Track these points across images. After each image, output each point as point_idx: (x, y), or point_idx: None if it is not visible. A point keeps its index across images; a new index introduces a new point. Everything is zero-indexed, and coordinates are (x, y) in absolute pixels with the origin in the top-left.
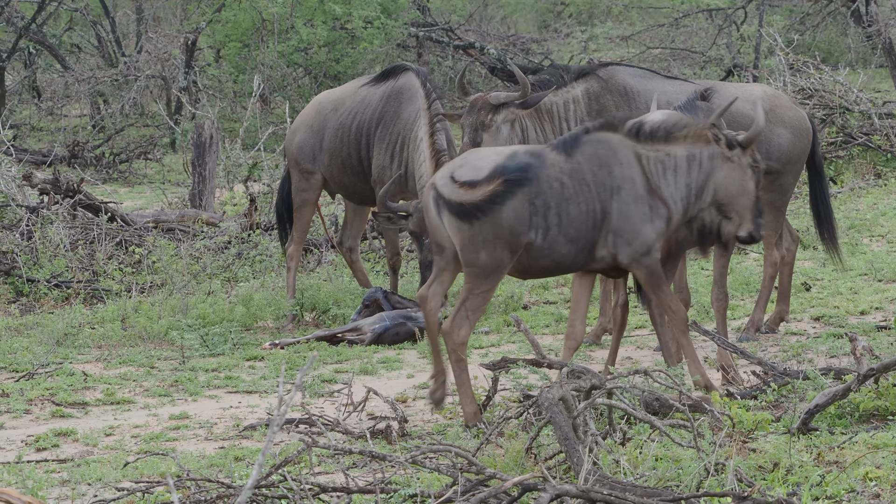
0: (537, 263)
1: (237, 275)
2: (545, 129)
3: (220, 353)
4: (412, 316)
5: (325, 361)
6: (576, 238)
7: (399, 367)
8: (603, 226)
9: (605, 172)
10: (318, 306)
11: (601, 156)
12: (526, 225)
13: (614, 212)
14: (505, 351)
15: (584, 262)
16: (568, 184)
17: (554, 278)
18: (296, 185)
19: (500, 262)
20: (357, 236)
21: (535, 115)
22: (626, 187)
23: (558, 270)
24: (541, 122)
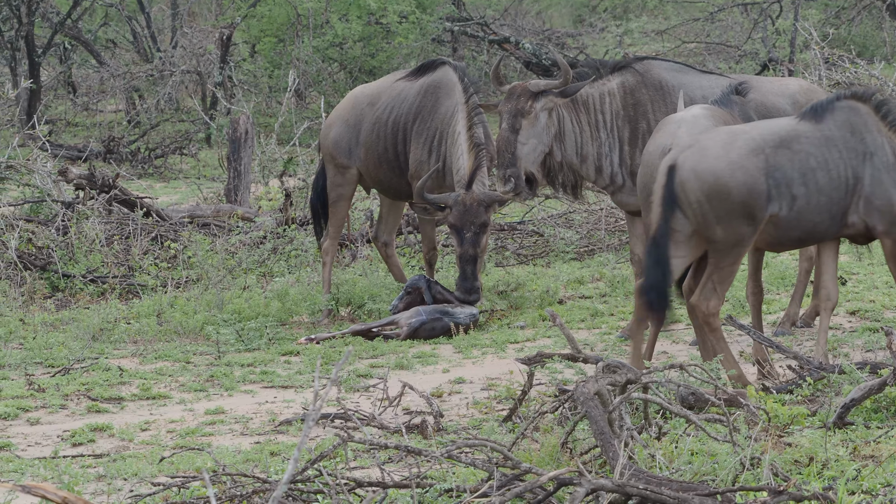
0: (788, 235)
1: (272, 270)
2: (581, 119)
3: (255, 348)
4: (448, 311)
5: (361, 356)
6: (827, 206)
7: (435, 362)
8: (855, 191)
9: (857, 139)
10: (353, 301)
11: (853, 123)
12: (763, 199)
13: (866, 178)
14: (540, 346)
15: (836, 230)
16: (815, 152)
17: (589, 272)
18: (331, 179)
19: (739, 236)
20: (392, 231)
21: (572, 105)
22: (879, 154)
23: (811, 240)
24: (577, 113)
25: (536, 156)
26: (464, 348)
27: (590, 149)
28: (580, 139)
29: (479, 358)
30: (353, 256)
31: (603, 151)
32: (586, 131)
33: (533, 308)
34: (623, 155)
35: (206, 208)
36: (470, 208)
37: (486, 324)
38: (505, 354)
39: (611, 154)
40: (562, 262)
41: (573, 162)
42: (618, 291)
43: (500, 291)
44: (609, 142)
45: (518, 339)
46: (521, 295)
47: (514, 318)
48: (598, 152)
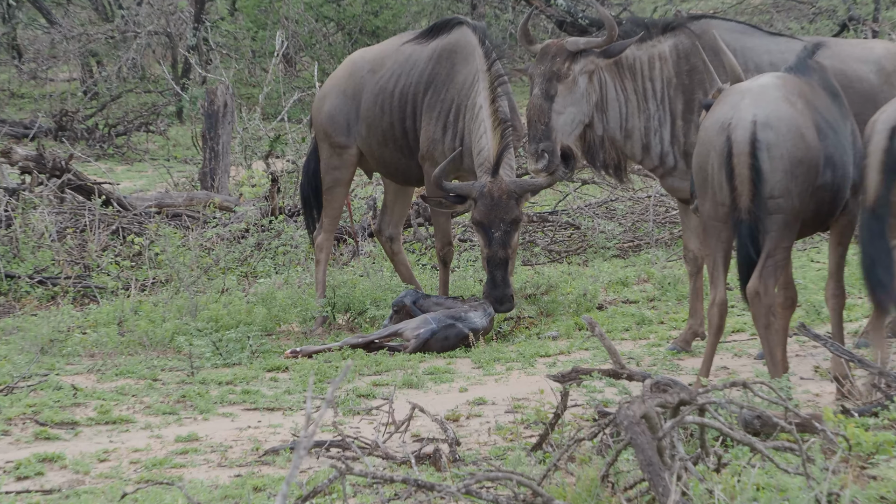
0: None
1: (256, 269)
2: (626, 87)
3: (235, 363)
4: (463, 316)
5: (362, 372)
6: None
7: (450, 380)
8: None
9: None
10: (352, 307)
11: None
12: None
13: None
14: (576, 360)
15: None
16: None
17: (634, 272)
18: (325, 162)
19: None
20: (399, 223)
21: (616, 69)
22: None
23: None
24: (622, 79)
25: (574, 127)
26: (484, 363)
27: (636, 122)
28: (625, 110)
29: (502, 374)
30: (352, 253)
31: (651, 126)
32: (632, 101)
33: (567, 315)
34: (675, 131)
35: (177, 196)
36: (499, 201)
37: (511, 333)
38: (534, 370)
39: (660, 129)
40: (602, 259)
41: (616, 137)
42: (668, 295)
43: (527, 295)
44: (659, 115)
45: (549, 352)
46: (553, 299)
47: (544, 327)
48: (645, 126)
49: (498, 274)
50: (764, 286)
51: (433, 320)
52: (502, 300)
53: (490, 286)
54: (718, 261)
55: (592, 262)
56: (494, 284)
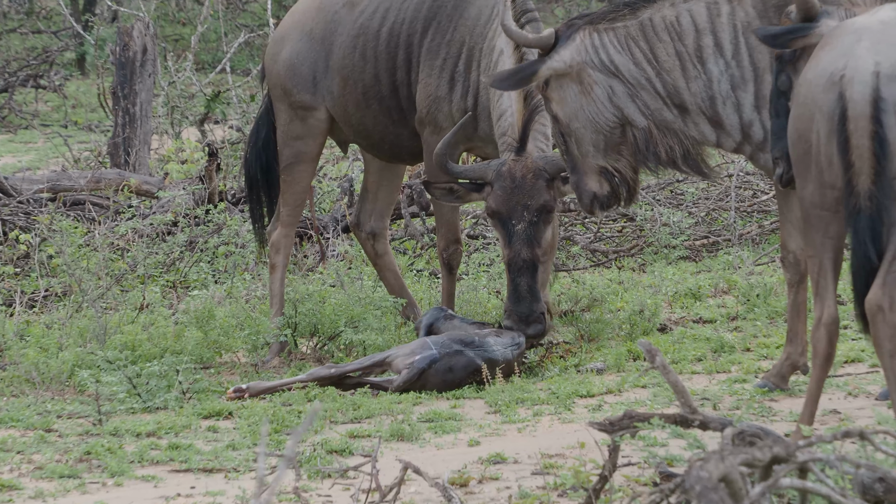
0: None
1: (188, 277)
2: (658, 55)
3: (160, 407)
4: (477, 341)
5: (334, 419)
6: None
7: (455, 429)
8: None
9: None
10: (321, 329)
11: None
12: None
13: None
14: (629, 401)
15: None
16: None
17: (709, 280)
18: (284, 129)
19: None
20: (384, 215)
21: (637, 33)
22: None
23: None
24: (648, 44)
25: (599, 140)
26: (504, 405)
27: (687, 95)
28: (668, 80)
29: (528, 422)
30: (321, 255)
31: (717, 92)
32: (675, 68)
33: (617, 339)
34: (761, 90)
35: (79, 176)
36: (521, 183)
37: (540, 365)
38: (571, 415)
39: (734, 93)
40: (665, 262)
41: (667, 119)
42: (757, 312)
43: (563, 312)
44: (730, 75)
45: (592, 391)
46: (598, 318)
47: (586, 357)
48: (707, 96)
49: (522, 282)
50: (889, 299)
51: (434, 345)
52: (528, 319)
53: (513, 300)
54: (826, 265)
55: (652, 266)
56: (518, 297)
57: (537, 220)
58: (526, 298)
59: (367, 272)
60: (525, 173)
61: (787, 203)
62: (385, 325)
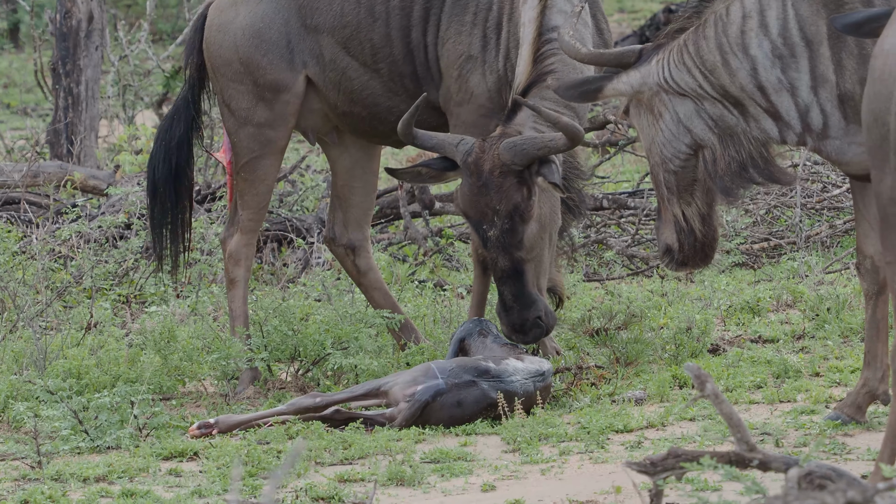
0: None
1: (144, 291)
2: (702, 49)
3: (111, 447)
4: (492, 369)
5: (320, 460)
6: None
7: (466, 471)
8: None
9: None
10: (303, 351)
11: None
12: None
13: None
14: (674, 437)
15: None
16: None
17: (770, 291)
18: (243, 116)
19: None
20: (363, 223)
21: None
22: None
23: None
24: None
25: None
26: (524, 443)
27: (735, 88)
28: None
29: (553, 461)
30: (304, 264)
31: (767, 80)
32: (717, 63)
33: (659, 363)
34: (818, 68)
35: (12, 170)
36: (489, 182)
37: (568, 394)
38: (605, 454)
39: (785, 77)
40: (717, 270)
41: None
42: (828, 329)
43: (594, 331)
44: (780, 56)
45: (631, 426)
46: (637, 337)
47: (622, 384)
48: (756, 86)
49: (506, 292)
50: None
51: (440, 372)
52: (523, 327)
53: (501, 308)
54: None
55: (702, 274)
56: (504, 307)
57: (510, 225)
58: (513, 308)
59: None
60: (492, 168)
61: (865, 199)
62: (381, 346)
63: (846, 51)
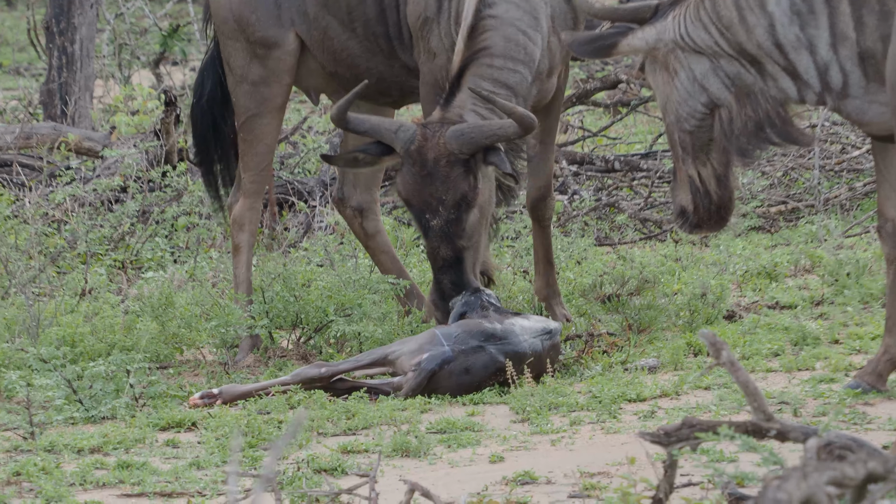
0: None
1: (141, 256)
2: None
3: (106, 417)
4: (499, 333)
5: (323, 430)
6: None
7: (474, 442)
8: None
9: None
10: (305, 318)
11: None
12: None
13: None
14: (688, 407)
15: None
16: None
17: (787, 256)
18: (240, 74)
19: None
20: (372, 185)
21: None
22: None
23: None
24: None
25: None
26: (533, 412)
27: (750, 45)
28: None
29: (564, 432)
30: (305, 228)
31: (784, 36)
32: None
33: (673, 330)
34: (838, 25)
35: (4, 131)
36: (434, 172)
37: (578, 362)
38: (617, 424)
39: (803, 34)
40: (732, 234)
41: (745, 83)
42: (848, 295)
43: (605, 296)
44: (797, 12)
45: (644, 394)
46: (650, 303)
47: (634, 352)
48: (773, 42)
49: (444, 280)
50: None
51: (446, 338)
52: (448, 292)
53: (436, 295)
54: None
55: (717, 238)
56: (441, 294)
57: (456, 215)
58: (451, 295)
59: (363, 248)
60: (437, 157)
61: (886, 160)
62: (385, 312)
63: (867, 7)
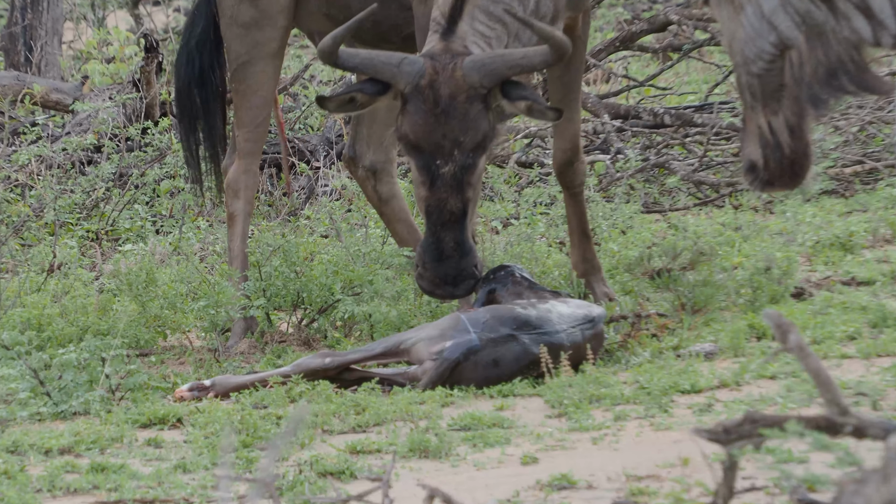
0: None
1: (118, 225)
2: None
3: (78, 412)
4: (534, 319)
5: (328, 427)
6: None
7: (503, 440)
8: None
9: None
10: (307, 298)
11: None
12: None
13: None
14: (751, 399)
15: None
16: None
17: (865, 224)
18: (230, 15)
19: None
20: (389, 142)
21: None
22: None
23: None
24: None
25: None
26: (571, 405)
27: None
28: None
29: (607, 428)
30: (308, 193)
31: None
32: None
33: (733, 310)
34: None
35: None
36: (449, 109)
37: (623, 347)
38: (668, 419)
39: None
40: (801, 198)
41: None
42: None
43: (654, 272)
44: None
45: (699, 385)
46: (707, 279)
47: (688, 335)
48: None
49: (447, 238)
50: None
51: (472, 324)
52: (456, 279)
53: (431, 257)
54: None
55: (783, 204)
56: (440, 255)
57: (472, 160)
58: (452, 257)
59: (373, 215)
60: (454, 92)
61: None
62: (400, 290)
63: None
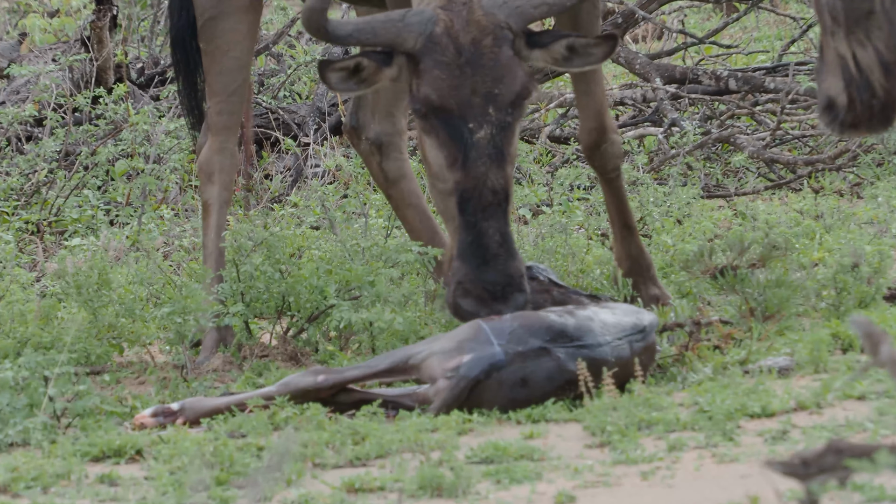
0: None
1: (63, 216)
2: None
3: (15, 443)
4: (570, 329)
5: (321, 460)
6: None
7: (533, 475)
8: None
9: None
10: (296, 303)
11: None
12: None
13: None
14: (834, 424)
15: None
16: None
17: None
18: None
19: None
20: (395, 111)
21: None
22: None
23: None
24: None
25: None
26: (615, 433)
27: None
28: None
29: (659, 460)
30: (295, 175)
31: None
32: None
33: (813, 316)
34: None
35: None
36: (475, 57)
37: (678, 361)
38: (734, 449)
39: None
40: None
41: None
42: None
43: (717, 270)
44: None
45: (771, 407)
46: (781, 279)
47: (758, 346)
48: None
49: (490, 229)
50: None
51: (495, 335)
52: (505, 291)
53: (474, 261)
54: None
55: (874, 187)
56: (485, 256)
57: (511, 119)
58: (500, 256)
59: (375, 201)
60: (477, 37)
61: None
62: (408, 294)
63: None
